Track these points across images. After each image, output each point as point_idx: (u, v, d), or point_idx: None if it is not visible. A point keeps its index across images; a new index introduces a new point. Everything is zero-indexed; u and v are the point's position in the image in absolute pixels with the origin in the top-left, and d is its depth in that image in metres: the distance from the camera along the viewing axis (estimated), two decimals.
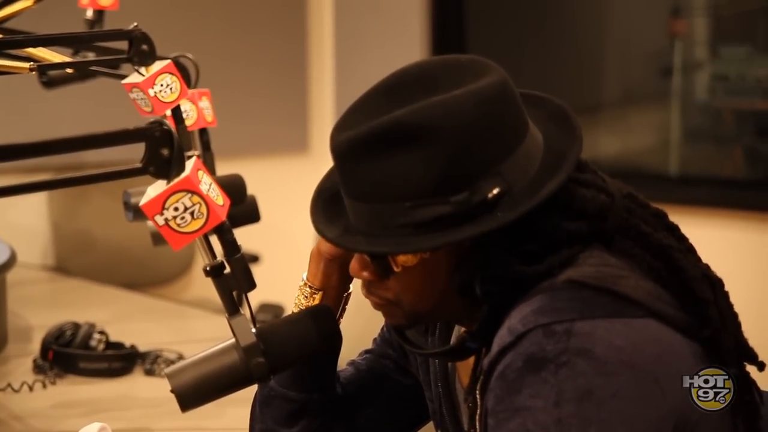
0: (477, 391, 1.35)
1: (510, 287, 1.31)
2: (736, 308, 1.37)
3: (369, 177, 1.30)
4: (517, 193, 1.29)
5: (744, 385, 1.34)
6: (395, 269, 1.35)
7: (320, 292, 1.55)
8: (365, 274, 1.39)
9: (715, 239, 1.66)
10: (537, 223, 1.30)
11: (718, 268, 1.39)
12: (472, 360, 1.42)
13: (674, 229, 1.40)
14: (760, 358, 1.37)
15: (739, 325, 1.36)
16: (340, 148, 1.32)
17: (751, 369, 1.38)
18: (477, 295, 1.32)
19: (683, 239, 1.39)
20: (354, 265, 1.41)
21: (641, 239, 1.34)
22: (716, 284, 1.36)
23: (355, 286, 1.56)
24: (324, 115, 4.70)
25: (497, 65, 1.34)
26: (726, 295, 1.36)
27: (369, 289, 1.41)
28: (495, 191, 1.27)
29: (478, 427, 1.36)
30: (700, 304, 1.32)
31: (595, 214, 1.33)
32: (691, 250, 1.39)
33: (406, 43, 4.41)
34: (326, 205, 1.42)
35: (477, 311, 1.34)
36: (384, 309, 1.43)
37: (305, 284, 1.56)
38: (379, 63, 1.28)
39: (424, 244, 1.30)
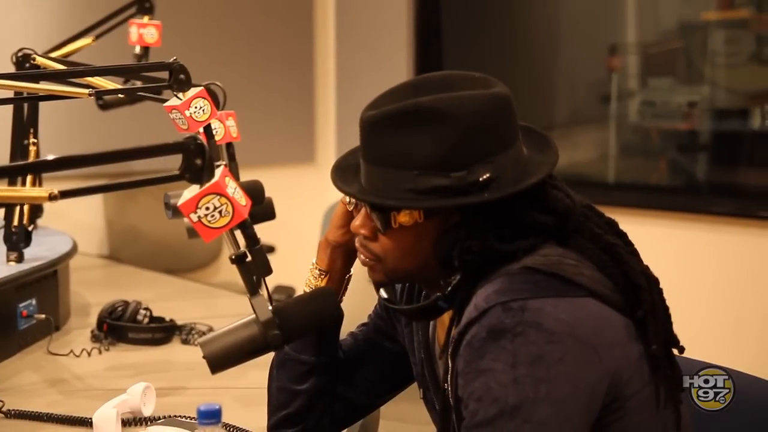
0: (449, 355, 1.35)
1: (482, 260, 1.31)
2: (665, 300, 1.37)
3: (388, 146, 1.32)
4: (503, 183, 1.30)
5: (666, 362, 1.33)
6: (393, 225, 1.35)
7: (326, 274, 1.55)
8: (363, 231, 1.40)
9: (644, 235, 1.66)
10: (514, 211, 1.32)
11: (647, 259, 1.38)
12: (447, 328, 1.42)
13: (623, 236, 1.40)
14: (680, 336, 1.37)
15: (669, 316, 1.36)
16: (369, 120, 1.33)
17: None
18: (453, 265, 1.32)
19: (630, 244, 1.39)
20: (356, 222, 1.41)
21: (594, 238, 1.35)
22: (653, 281, 1.36)
23: (355, 270, 1.57)
24: (328, 134, 4.71)
25: (503, 84, 1.36)
26: (660, 291, 1.36)
27: (362, 243, 1.41)
28: (486, 176, 1.29)
29: (450, 386, 1.37)
30: (635, 290, 1.32)
31: (561, 213, 1.34)
32: (635, 252, 1.39)
33: (394, 73, 4.39)
34: (343, 173, 1.42)
35: (450, 277, 1.35)
36: (370, 264, 1.42)
37: (315, 267, 1.56)
38: (373, 90, 1.28)
39: (424, 204, 1.31)
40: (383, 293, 1.52)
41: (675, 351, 1.37)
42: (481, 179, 1.29)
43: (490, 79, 1.37)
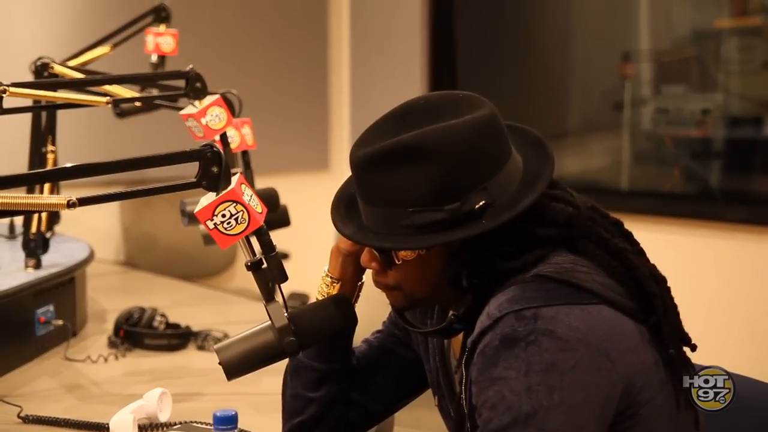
0: (463, 363, 1.35)
1: (490, 280, 1.32)
2: (674, 299, 1.37)
3: (380, 186, 1.31)
4: (499, 206, 1.29)
5: (681, 362, 1.33)
6: (397, 262, 1.36)
7: (339, 282, 1.54)
8: (373, 264, 1.41)
9: (658, 242, 1.66)
10: (515, 229, 1.31)
11: (660, 266, 1.38)
12: (461, 338, 1.42)
13: (628, 236, 1.40)
14: (693, 341, 1.37)
15: (678, 314, 1.36)
16: (358, 161, 1.33)
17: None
18: (463, 286, 1.33)
19: (636, 244, 1.39)
20: (364, 256, 1.43)
21: (601, 243, 1.35)
22: (661, 281, 1.36)
23: (367, 277, 1.57)
24: (342, 141, 4.71)
25: (488, 100, 1.35)
26: (668, 290, 1.36)
27: (375, 277, 1.42)
28: (481, 203, 1.28)
29: (464, 394, 1.37)
30: (648, 296, 1.32)
31: (564, 223, 1.34)
32: (641, 253, 1.39)
33: (408, 81, 4.41)
34: (343, 208, 1.42)
35: (463, 298, 1.35)
36: (388, 293, 1.43)
37: (326, 275, 1.56)
38: (387, 98, 1.29)
39: (422, 243, 1.31)
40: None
41: (687, 350, 1.37)
42: (476, 207, 1.28)
43: (475, 99, 1.35)
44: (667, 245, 3.34)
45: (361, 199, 1.36)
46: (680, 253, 3.59)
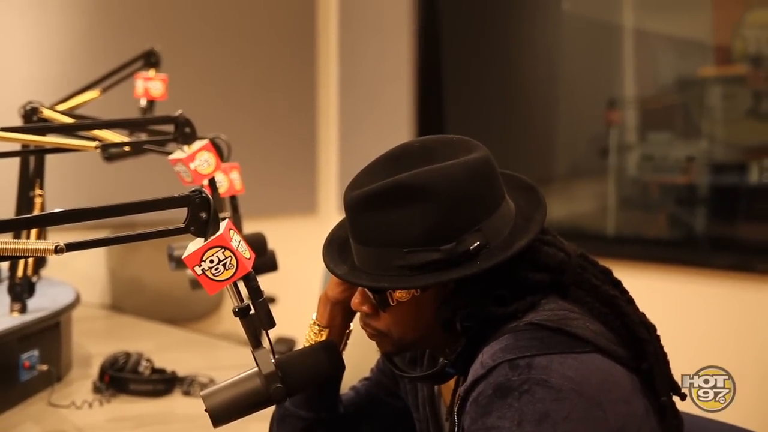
0: (455, 413, 1.34)
1: (484, 324, 1.31)
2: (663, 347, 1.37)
3: (375, 226, 1.30)
4: (493, 248, 1.29)
5: (671, 410, 1.33)
6: (391, 303, 1.34)
7: (326, 330, 1.53)
8: (364, 307, 1.39)
9: (643, 288, 1.65)
10: (508, 273, 1.31)
11: (646, 312, 1.38)
12: (452, 386, 1.40)
13: (618, 284, 1.40)
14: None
15: (668, 363, 1.35)
16: (353, 202, 1.32)
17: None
18: (456, 330, 1.31)
19: (625, 292, 1.39)
20: (355, 299, 1.41)
21: (592, 290, 1.34)
22: (651, 329, 1.35)
23: (355, 325, 1.55)
24: (330, 186, 4.72)
25: (482, 144, 1.35)
26: (658, 338, 1.35)
27: (365, 321, 1.41)
28: (476, 244, 1.27)
29: None
30: (640, 343, 1.31)
31: (555, 269, 1.33)
32: (631, 301, 1.38)
33: (396, 127, 4.42)
34: (335, 250, 1.41)
35: (455, 344, 1.34)
36: (376, 339, 1.42)
37: (314, 323, 1.55)
38: (375, 142, 1.28)
39: (417, 283, 1.29)
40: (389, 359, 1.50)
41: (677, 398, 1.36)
42: (471, 248, 1.27)
43: (470, 142, 1.36)
44: (652, 291, 3.33)
45: (355, 239, 1.35)
46: (666, 299, 3.59)
